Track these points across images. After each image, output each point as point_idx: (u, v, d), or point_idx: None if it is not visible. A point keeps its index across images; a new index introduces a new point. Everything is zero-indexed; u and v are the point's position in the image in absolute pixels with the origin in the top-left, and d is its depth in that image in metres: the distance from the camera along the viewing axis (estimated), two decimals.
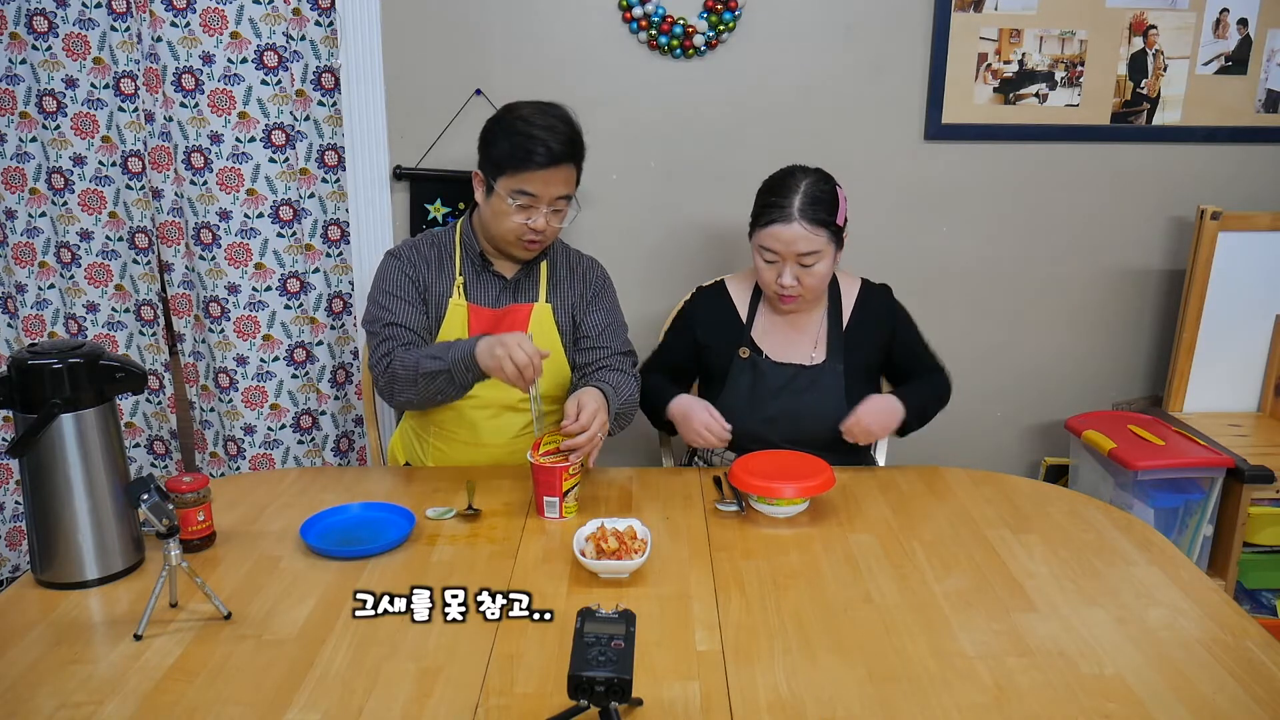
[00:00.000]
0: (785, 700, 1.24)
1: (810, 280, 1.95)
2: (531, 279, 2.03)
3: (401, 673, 1.29)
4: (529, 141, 1.85)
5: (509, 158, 1.87)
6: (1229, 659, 1.33)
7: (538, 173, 1.86)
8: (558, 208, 1.92)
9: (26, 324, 2.52)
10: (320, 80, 2.44)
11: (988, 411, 2.80)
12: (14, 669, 1.30)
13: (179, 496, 1.58)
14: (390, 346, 1.91)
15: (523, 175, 1.87)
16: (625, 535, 1.55)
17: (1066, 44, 2.52)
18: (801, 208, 1.92)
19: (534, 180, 1.87)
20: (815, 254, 1.93)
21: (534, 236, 1.92)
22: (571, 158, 1.91)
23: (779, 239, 1.93)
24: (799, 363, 2.04)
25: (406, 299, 1.96)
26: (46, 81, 2.37)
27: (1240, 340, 2.63)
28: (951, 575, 1.55)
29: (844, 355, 2.03)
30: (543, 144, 1.85)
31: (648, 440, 2.63)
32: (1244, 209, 2.60)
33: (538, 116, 1.89)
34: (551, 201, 1.90)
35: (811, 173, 1.98)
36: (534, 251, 1.97)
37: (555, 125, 1.88)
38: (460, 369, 1.79)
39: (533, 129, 1.87)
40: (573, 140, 1.91)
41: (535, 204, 1.89)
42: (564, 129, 1.89)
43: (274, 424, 2.63)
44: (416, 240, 2.06)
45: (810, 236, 1.92)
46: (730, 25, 2.46)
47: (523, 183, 1.87)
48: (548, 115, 1.90)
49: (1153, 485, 2.32)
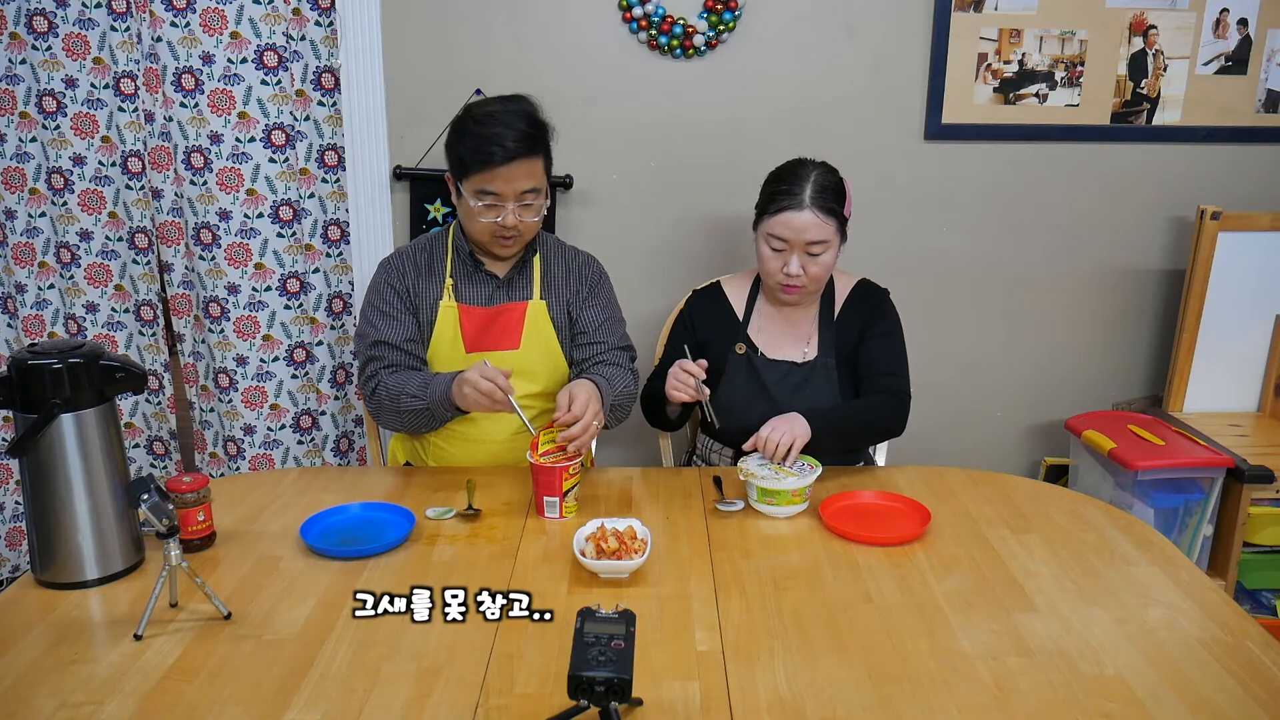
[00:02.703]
0: (785, 700, 1.24)
1: (815, 270, 1.96)
2: (524, 277, 2.03)
3: (401, 673, 1.29)
4: (485, 141, 1.85)
5: (470, 158, 1.87)
6: (1229, 659, 1.33)
7: (498, 170, 1.85)
8: (526, 202, 1.90)
9: (26, 324, 2.52)
10: (320, 80, 2.43)
11: (988, 411, 2.80)
12: (14, 669, 1.30)
13: (179, 496, 1.58)
14: (375, 369, 1.96)
15: (484, 174, 1.86)
16: (625, 535, 1.55)
17: (1066, 44, 2.52)
18: (813, 195, 1.93)
19: (495, 179, 1.86)
20: (823, 243, 1.94)
21: (506, 234, 1.91)
22: (532, 150, 1.87)
23: (790, 226, 1.93)
24: (792, 359, 2.04)
25: (392, 313, 1.98)
26: (46, 81, 2.37)
27: (1240, 340, 2.63)
28: (951, 575, 1.55)
29: (835, 351, 2.04)
30: (498, 142, 1.83)
31: (648, 440, 2.63)
32: (1244, 209, 2.60)
33: (497, 113, 1.88)
34: (517, 197, 1.88)
35: (819, 164, 2.00)
36: (512, 248, 1.97)
37: (511, 120, 1.86)
38: (439, 407, 1.86)
39: (488, 127, 1.85)
40: (531, 134, 1.87)
41: (500, 202, 1.88)
42: (521, 123, 1.86)
43: (274, 424, 2.63)
44: (411, 245, 2.07)
45: (821, 224, 1.92)
46: (730, 25, 2.46)
47: (485, 182, 1.87)
48: (506, 110, 1.88)
49: (1153, 485, 2.32)
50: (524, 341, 1.99)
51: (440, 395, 1.84)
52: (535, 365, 2.00)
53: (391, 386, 1.91)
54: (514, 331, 1.99)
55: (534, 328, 2.00)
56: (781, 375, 2.03)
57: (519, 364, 1.98)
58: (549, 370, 2.01)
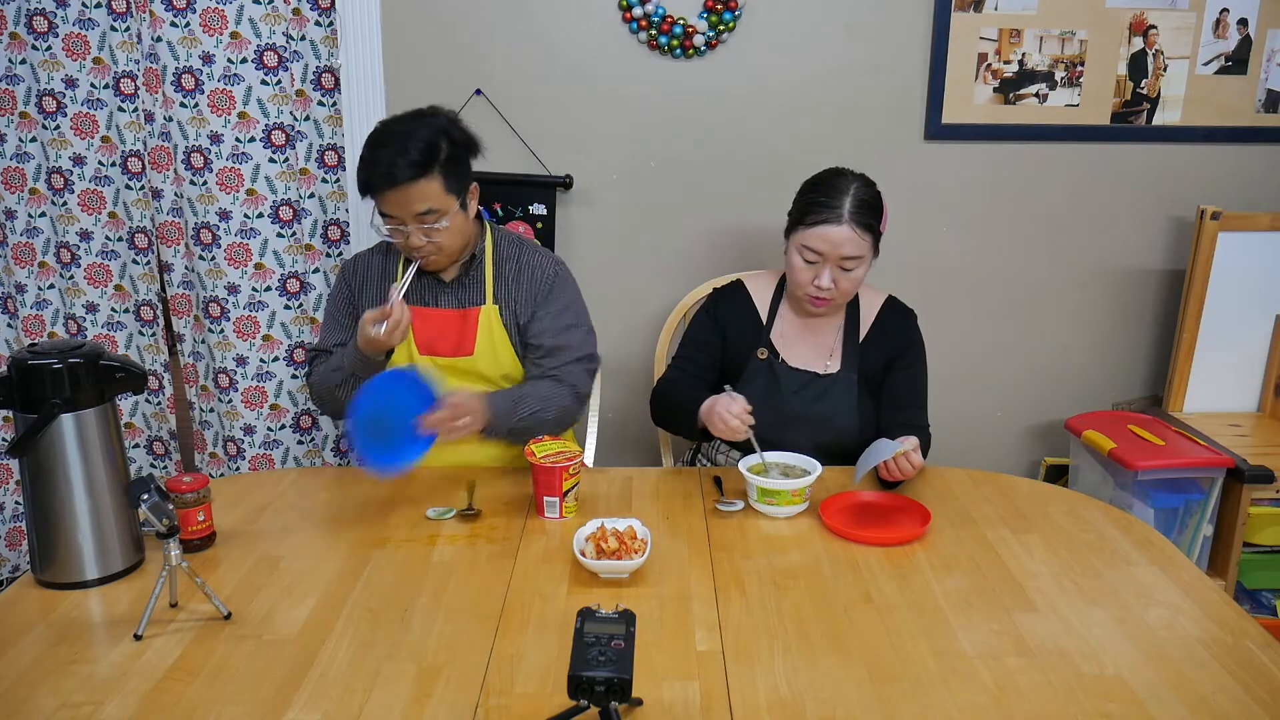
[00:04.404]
0: (785, 700, 1.24)
1: (846, 284, 1.94)
2: (474, 279, 2.00)
3: (401, 673, 1.29)
4: (372, 165, 1.81)
5: (364, 180, 1.84)
6: (1229, 659, 1.33)
7: (388, 194, 1.82)
8: (427, 223, 1.84)
9: (26, 324, 2.52)
10: (320, 80, 2.44)
11: (988, 411, 2.80)
12: (14, 669, 1.30)
13: (179, 496, 1.58)
14: (313, 367, 2.04)
15: (379, 198, 1.84)
16: (625, 535, 1.55)
17: (1066, 44, 2.52)
18: (852, 210, 1.90)
19: (387, 202, 1.83)
20: (858, 259, 1.93)
21: (421, 254, 1.89)
22: (424, 171, 1.80)
23: (827, 240, 1.91)
24: (814, 370, 2.03)
25: (336, 317, 2.04)
26: (46, 81, 2.37)
27: (1240, 340, 2.63)
28: (951, 575, 1.55)
29: (858, 367, 2.03)
30: (383, 166, 1.79)
31: (648, 440, 2.63)
32: (1244, 209, 2.60)
33: (384, 134, 1.83)
34: (415, 219, 1.83)
35: (858, 176, 1.97)
36: (438, 265, 1.94)
37: (400, 142, 1.79)
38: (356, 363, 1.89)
39: (376, 151, 1.81)
40: (418, 160, 1.79)
41: (398, 224, 1.86)
42: (410, 144, 1.79)
43: (274, 424, 2.63)
44: (373, 248, 2.08)
45: (858, 240, 1.91)
46: (730, 25, 2.46)
47: (381, 204, 1.85)
48: (398, 131, 1.82)
49: (1153, 485, 2.32)
50: (478, 348, 1.98)
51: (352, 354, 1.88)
52: (490, 371, 1.99)
53: (318, 376, 2.00)
54: (468, 337, 1.98)
55: (487, 333, 1.98)
56: (802, 384, 2.02)
57: (473, 369, 1.98)
58: (504, 375, 2.00)
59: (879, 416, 2.04)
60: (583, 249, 2.41)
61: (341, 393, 1.91)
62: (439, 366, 1.98)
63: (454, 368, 1.98)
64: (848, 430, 2.00)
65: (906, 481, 1.85)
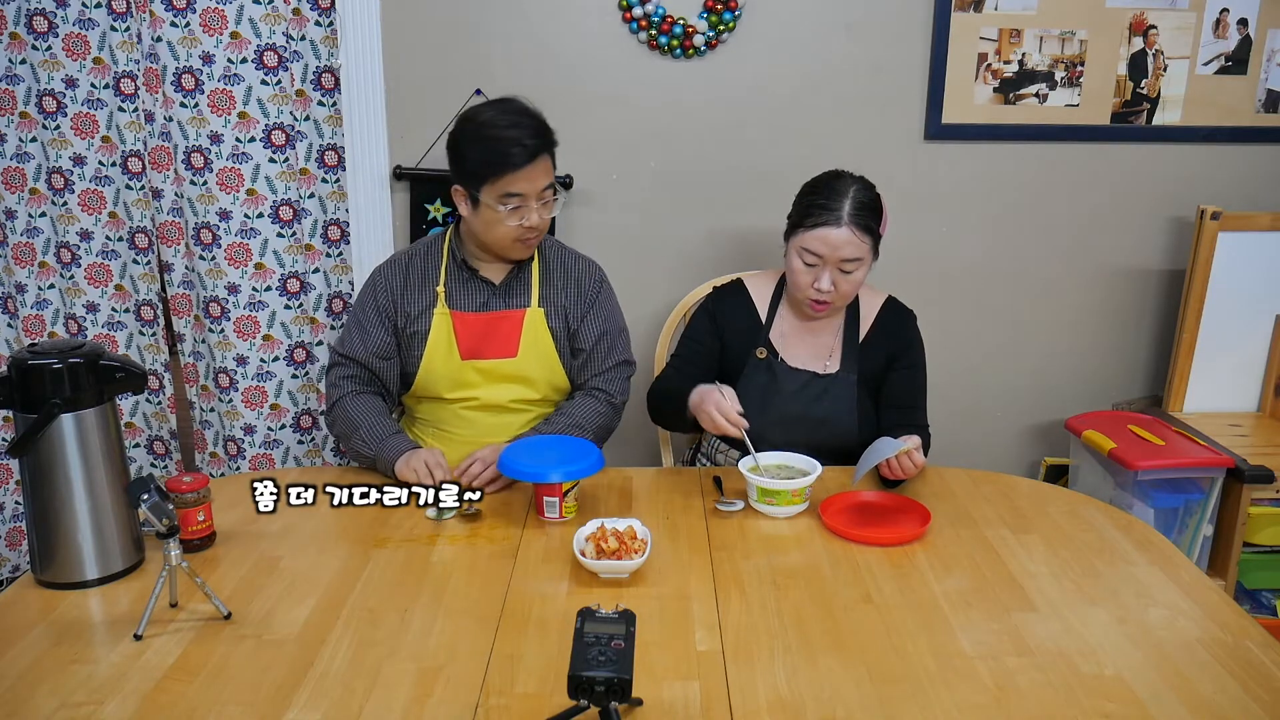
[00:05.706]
0: (785, 700, 1.24)
1: (845, 287, 1.94)
2: (522, 282, 2.02)
3: (401, 673, 1.29)
4: (501, 144, 1.85)
5: (486, 165, 1.87)
6: (1229, 659, 1.33)
7: (520, 172, 1.86)
8: (545, 199, 1.92)
9: (26, 324, 2.52)
10: (320, 80, 2.44)
11: (988, 411, 2.80)
12: (14, 669, 1.30)
13: (179, 496, 1.58)
14: (337, 376, 2.01)
15: (505, 179, 1.86)
16: (625, 535, 1.55)
17: (1066, 44, 2.52)
18: (852, 213, 1.90)
19: (518, 180, 1.87)
20: (857, 261, 1.92)
21: (530, 235, 1.93)
22: (546, 147, 1.90)
23: (826, 242, 1.91)
24: (813, 370, 2.03)
25: (365, 325, 2.00)
26: (46, 81, 2.37)
27: (1240, 340, 2.63)
28: (951, 575, 1.55)
29: (858, 368, 2.03)
30: (516, 142, 1.85)
31: (648, 440, 2.63)
32: (1244, 209, 2.60)
33: (500, 117, 1.89)
34: (539, 195, 1.91)
35: (857, 179, 1.97)
36: (533, 248, 1.99)
37: (521, 120, 1.88)
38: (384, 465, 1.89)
39: (501, 130, 1.86)
40: (541, 129, 1.90)
41: (525, 203, 1.89)
42: (530, 121, 1.89)
43: (274, 424, 2.63)
44: (407, 251, 2.07)
45: (857, 242, 1.91)
46: (730, 25, 2.46)
47: (507, 185, 1.87)
48: (509, 113, 1.90)
49: (1153, 485, 2.32)
50: (521, 349, 1.99)
51: (388, 461, 1.87)
52: (533, 373, 2.00)
53: (351, 415, 1.94)
54: (511, 339, 1.99)
55: (532, 335, 1.99)
56: (801, 385, 2.02)
57: (517, 371, 1.98)
58: (547, 378, 2.01)
59: (879, 417, 2.04)
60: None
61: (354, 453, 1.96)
62: (482, 370, 1.99)
63: (496, 370, 1.99)
64: (847, 431, 2.00)
65: (907, 481, 1.85)
